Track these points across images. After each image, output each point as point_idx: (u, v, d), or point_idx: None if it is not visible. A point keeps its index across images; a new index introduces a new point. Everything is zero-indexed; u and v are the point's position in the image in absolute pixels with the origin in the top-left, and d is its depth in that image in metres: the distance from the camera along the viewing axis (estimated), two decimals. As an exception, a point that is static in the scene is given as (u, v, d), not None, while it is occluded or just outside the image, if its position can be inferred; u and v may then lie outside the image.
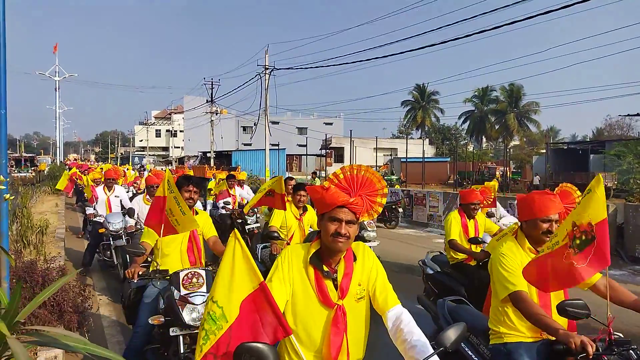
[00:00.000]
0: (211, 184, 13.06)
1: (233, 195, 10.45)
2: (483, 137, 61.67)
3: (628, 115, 21.32)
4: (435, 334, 3.19)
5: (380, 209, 2.19)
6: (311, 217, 5.86)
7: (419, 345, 1.93)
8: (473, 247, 5.13)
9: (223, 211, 9.93)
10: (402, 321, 2.06)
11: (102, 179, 9.41)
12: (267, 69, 26.45)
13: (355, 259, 2.16)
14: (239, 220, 9.46)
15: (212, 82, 37.64)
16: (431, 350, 1.89)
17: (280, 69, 26.43)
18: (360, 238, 6.76)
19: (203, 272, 3.53)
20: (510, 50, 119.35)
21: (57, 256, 6.77)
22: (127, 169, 20.47)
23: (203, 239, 4.14)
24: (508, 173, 34.94)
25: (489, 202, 6.72)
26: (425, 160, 29.65)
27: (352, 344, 2.07)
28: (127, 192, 10.75)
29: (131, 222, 7.46)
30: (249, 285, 1.81)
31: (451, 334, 1.90)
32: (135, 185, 14.95)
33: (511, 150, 50.05)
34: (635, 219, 9.77)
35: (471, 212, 5.19)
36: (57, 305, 4.57)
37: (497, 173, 34.68)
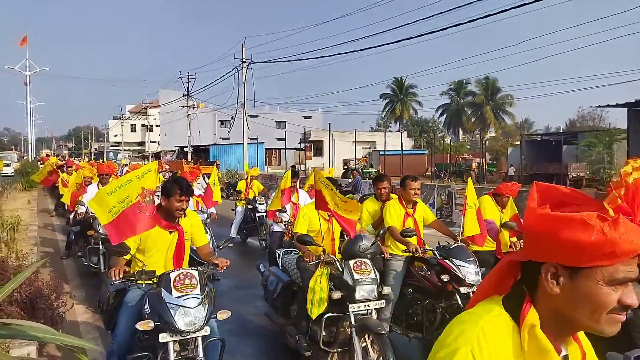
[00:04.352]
0: (240, 185, 10.66)
1: (295, 203, 7.27)
2: (460, 129, 62.50)
3: (599, 106, 21.86)
4: None
5: None
6: (424, 211, 4.97)
7: None
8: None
9: (277, 228, 7.23)
10: None
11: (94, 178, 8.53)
12: (244, 62, 26.24)
13: None
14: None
15: (188, 75, 37.19)
16: None
17: (257, 62, 26.34)
18: None
19: (196, 273, 3.23)
20: (488, 44, 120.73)
21: (30, 253, 6.63)
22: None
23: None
24: (484, 165, 35.43)
25: None
26: (404, 152, 29.88)
27: None
28: None
29: None
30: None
31: None
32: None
33: (487, 142, 50.77)
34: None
35: None
36: (29, 303, 4.49)
37: (474, 165, 35.18)
